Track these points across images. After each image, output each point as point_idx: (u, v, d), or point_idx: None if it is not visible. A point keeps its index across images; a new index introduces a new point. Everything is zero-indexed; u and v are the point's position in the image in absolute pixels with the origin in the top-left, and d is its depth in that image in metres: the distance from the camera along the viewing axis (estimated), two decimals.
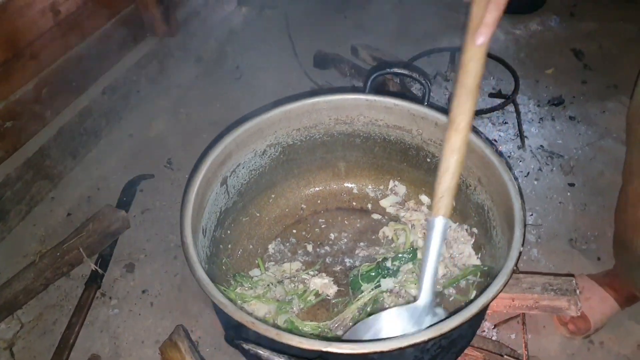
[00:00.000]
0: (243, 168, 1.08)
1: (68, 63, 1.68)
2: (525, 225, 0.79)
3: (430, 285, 0.83)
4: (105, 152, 1.80)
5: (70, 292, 1.39)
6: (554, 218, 1.53)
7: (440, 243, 0.83)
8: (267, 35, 2.31)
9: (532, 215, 1.53)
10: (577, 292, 1.04)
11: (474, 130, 0.96)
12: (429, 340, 0.68)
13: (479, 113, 1.77)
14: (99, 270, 1.40)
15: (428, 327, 0.71)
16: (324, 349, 0.66)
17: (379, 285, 1.04)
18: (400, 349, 0.66)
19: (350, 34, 2.25)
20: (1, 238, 1.51)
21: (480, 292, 0.76)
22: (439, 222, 0.83)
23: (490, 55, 1.97)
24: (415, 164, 1.14)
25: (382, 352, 0.66)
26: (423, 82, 1.00)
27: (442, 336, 0.68)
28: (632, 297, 1.28)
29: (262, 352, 0.64)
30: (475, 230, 1.05)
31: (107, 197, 1.63)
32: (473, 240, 1.06)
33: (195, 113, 1.94)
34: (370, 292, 1.03)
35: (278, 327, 0.68)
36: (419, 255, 1.05)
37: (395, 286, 1.04)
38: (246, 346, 0.63)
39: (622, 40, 2.13)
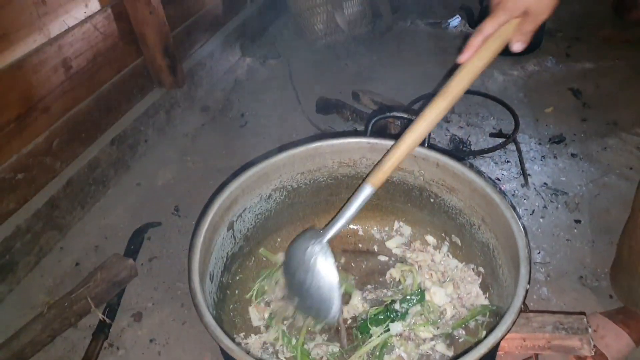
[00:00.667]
0: (249, 212, 1.09)
1: (78, 115, 1.73)
2: (531, 263, 0.79)
3: (336, 230, 0.99)
4: (113, 202, 1.82)
5: (77, 343, 1.38)
6: (562, 256, 1.52)
7: (360, 205, 0.98)
8: (271, 84, 2.37)
9: (539, 253, 1.52)
10: (589, 330, 1.03)
11: (477, 170, 0.99)
12: None
13: (481, 153, 1.79)
14: (107, 319, 1.40)
15: None
16: None
17: (388, 329, 1.03)
18: None
19: (351, 81, 2.31)
20: (9, 290, 1.51)
21: (490, 331, 0.75)
22: (367, 191, 0.98)
23: (489, 96, 2.03)
24: (419, 205, 1.15)
25: None
26: None
27: None
28: None
29: None
30: (481, 269, 1.05)
31: (115, 246, 1.64)
32: (480, 279, 1.06)
33: (201, 161, 1.97)
34: (379, 336, 1.02)
35: None
36: (427, 297, 1.04)
37: (404, 329, 1.03)
38: None
39: (618, 79, 2.17)
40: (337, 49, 2.53)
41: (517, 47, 0.92)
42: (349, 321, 1.11)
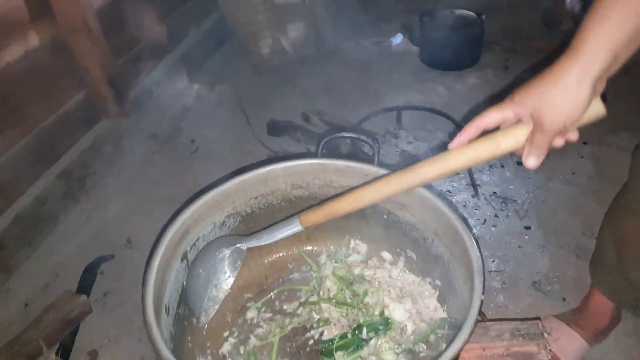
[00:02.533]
0: (203, 241, 1.08)
1: (21, 152, 1.67)
2: (484, 274, 0.81)
3: (256, 244, 1.04)
4: (62, 238, 1.76)
5: None
6: (515, 262, 1.56)
7: (284, 236, 1.03)
8: (221, 109, 2.36)
9: (494, 261, 1.56)
10: (545, 335, 1.06)
11: (426, 185, 1.01)
12: None
13: None
14: None
15: None
16: None
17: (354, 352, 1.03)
18: None
19: (300, 102, 2.32)
20: None
21: (449, 344, 0.76)
22: (296, 226, 1.01)
23: (434, 111, 2.09)
24: (373, 222, 1.16)
25: None
26: (371, 143, 1.05)
27: None
28: (598, 333, 1.31)
29: None
30: (438, 282, 1.07)
31: (66, 284, 1.59)
32: (437, 293, 1.07)
33: (152, 191, 1.94)
34: (345, 359, 1.02)
35: None
36: (387, 313, 1.05)
37: (371, 354, 1.03)
38: None
39: None
40: (284, 72, 2.55)
41: (529, 161, 0.77)
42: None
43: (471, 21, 2.40)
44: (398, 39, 2.71)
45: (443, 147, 1.93)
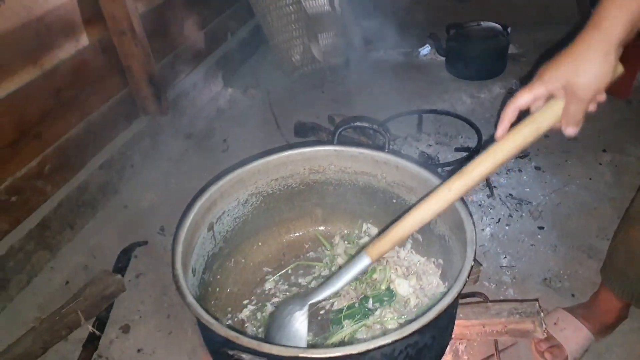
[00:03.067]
0: (228, 216, 1.18)
1: (68, 142, 1.82)
2: (476, 244, 0.89)
3: (321, 298, 0.96)
4: (101, 223, 1.89)
5: (67, 355, 1.42)
6: (527, 260, 1.61)
7: (354, 276, 0.94)
8: (252, 111, 2.49)
9: (505, 257, 1.62)
10: (541, 314, 1.12)
11: (430, 169, 1.09)
12: (395, 342, 0.76)
13: (444, 165, 1.91)
14: (96, 332, 1.45)
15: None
16: (300, 355, 0.74)
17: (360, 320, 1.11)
18: (368, 351, 0.74)
19: (328, 107, 2.44)
20: (2, 307, 1.56)
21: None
22: (365, 261, 0.93)
23: (456, 115, 2.16)
24: (384, 206, 1.24)
25: (350, 355, 0.74)
26: (382, 132, 1.14)
27: (406, 338, 0.76)
28: (604, 328, 1.35)
29: (245, 356, 0.71)
30: (440, 261, 1.14)
31: (103, 265, 1.70)
32: (440, 271, 1.15)
33: (185, 183, 2.06)
34: (352, 326, 1.10)
35: (259, 339, 0.76)
36: (392, 287, 1.13)
37: (375, 322, 1.11)
38: (231, 352, 0.71)
39: None
40: (314, 78, 2.67)
41: (568, 131, 0.83)
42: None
43: (497, 33, 2.47)
44: (425, 50, 2.80)
45: (460, 149, 1.98)
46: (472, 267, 0.85)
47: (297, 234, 1.33)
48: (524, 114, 0.86)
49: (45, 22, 1.67)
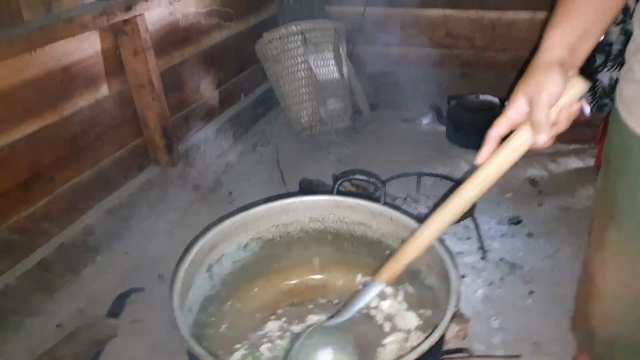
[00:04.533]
0: (227, 258, 1.23)
1: (79, 185, 1.90)
2: (459, 291, 0.93)
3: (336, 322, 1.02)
4: (102, 268, 1.93)
5: None
6: (517, 323, 1.64)
7: (367, 302, 1.01)
8: (259, 168, 2.59)
9: (496, 320, 1.64)
10: None
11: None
12: None
13: None
14: None
15: None
16: None
17: None
18: None
19: (333, 166, 2.53)
20: None
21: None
22: (376, 288, 1.00)
23: (451, 179, 2.24)
24: (378, 257, 1.28)
25: None
26: (379, 185, 1.21)
27: None
28: None
29: None
30: (429, 312, 1.18)
31: (99, 310, 1.72)
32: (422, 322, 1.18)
33: (190, 234, 2.07)
34: None
35: None
36: None
37: None
38: None
39: (570, 170, 2.42)
40: (321, 140, 2.78)
41: (539, 139, 0.83)
42: None
43: (494, 106, 2.60)
44: (427, 119, 2.93)
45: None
46: (454, 314, 0.89)
47: (294, 282, 1.36)
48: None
49: (70, 72, 1.79)
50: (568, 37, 0.83)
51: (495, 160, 0.88)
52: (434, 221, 0.96)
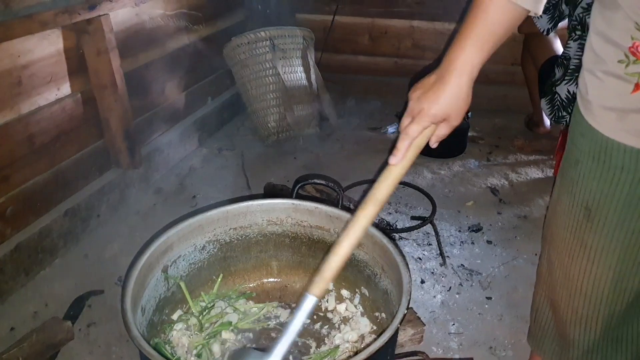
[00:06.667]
0: (183, 260, 1.22)
1: (35, 186, 1.86)
2: (410, 293, 0.95)
3: (281, 353, 0.94)
4: (58, 271, 1.89)
5: None
6: (474, 327, 1.67)
7: (304, 319, 0.95)
8: (224, 172, 2.57)
9: (454, 324, 1.67)
10: None
11: (389, 237, 1.15)
12: None
13: (401, 231, 2.00)
14: None
15: None
16: None
17: None
18: None
19: (298, 172, 2.53)
20: None
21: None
22: (310, 301, 0.95)
23: (416, 188, 2.27)
24: None
25: None
26: (337, 189, 1.22)
27: None
28: None
29: None
30: (383, 315, 1.19)
31: (54, 313, 1.69)
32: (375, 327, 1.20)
33: (149, 237, 2.08)
34: None
35: None
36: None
37: None
38: None
39: (530, 180, 2.48)
40: (287, 145, 2.79)
41: (434, 145, 1.00)
42: None
43: None
44: (393, 128, 2.96)
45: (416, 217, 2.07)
46: (404, 315, 0.90)
47: (251, 285, 1.36)
48: None
49: (30, 70, 1.76)
50: (482, 61, 0.91)
51: (407, 162, 0.99)
52: (356, 224, 1.00)
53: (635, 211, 0.99)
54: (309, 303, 0.95)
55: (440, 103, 0.93)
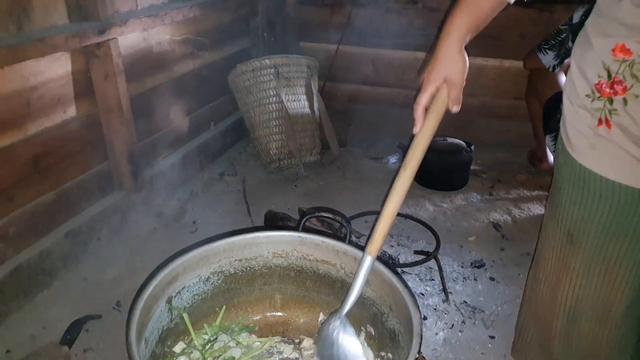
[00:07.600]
0: (187, 291, 1.20)
1: (38, 207, 1.85)
2: (422, 335, 0.93)
3: (350, 305, 1.14)
4: (57, 293, 1.86)
5: None
6: None
7: (365, 276, 1.12)
8: (225, 197, 2.57)
9: None
10: None
11: (397, 274, 1.17)
12: None
13: (403, 266, 1.98)
14: None
15: None
16: None
17: None
18: None
19: (299, 199, 2.53)
20: None
21: None
22: (368, 260, 1.11)
23: (419, 221, 2.27)
24: (340, 297, 1.28)
25: None
26: (344, 224, 1.21)
27: None
28: None
29: None
30: (390, 355, 1.17)
31: (51, 336, 1.66)
32: None
33: (149, 261, 2.05)
34: None
35: None
36: None
37: None
38: None
39: (532, 216, 2.48)
40: (288, 172, 2.79)
41: (455, 109, 1.12)
42: None
43: (461, 149, 2.66)
44: (394, 158, 2.97)
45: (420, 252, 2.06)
46: (416, 359, 0.89)
47: (254, 318, 1.35)
48: None
49: (38, 92, 1.76)
50: (468, 29, 1.05)
51: (426, 128, 1.12)
52: (399, 185, 1.13)
53: (613, 237, 1.02)
54: (367, 262, 1.11)
55: (436, 66, 1.07)
